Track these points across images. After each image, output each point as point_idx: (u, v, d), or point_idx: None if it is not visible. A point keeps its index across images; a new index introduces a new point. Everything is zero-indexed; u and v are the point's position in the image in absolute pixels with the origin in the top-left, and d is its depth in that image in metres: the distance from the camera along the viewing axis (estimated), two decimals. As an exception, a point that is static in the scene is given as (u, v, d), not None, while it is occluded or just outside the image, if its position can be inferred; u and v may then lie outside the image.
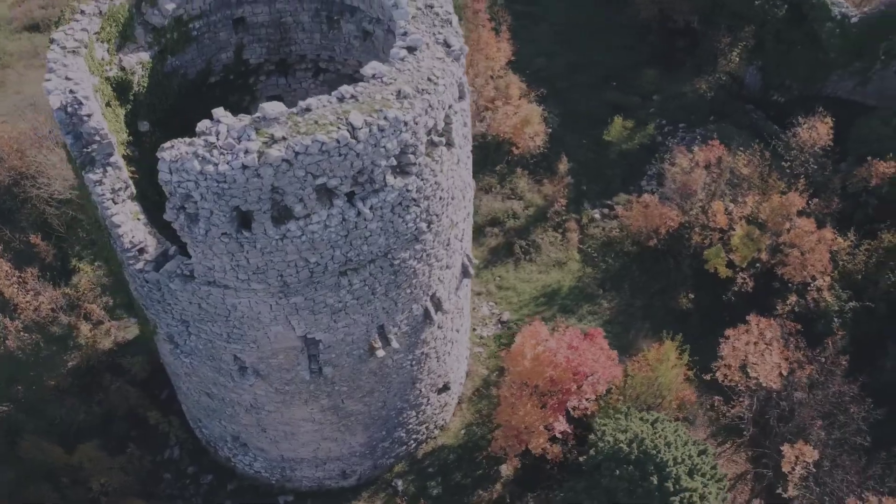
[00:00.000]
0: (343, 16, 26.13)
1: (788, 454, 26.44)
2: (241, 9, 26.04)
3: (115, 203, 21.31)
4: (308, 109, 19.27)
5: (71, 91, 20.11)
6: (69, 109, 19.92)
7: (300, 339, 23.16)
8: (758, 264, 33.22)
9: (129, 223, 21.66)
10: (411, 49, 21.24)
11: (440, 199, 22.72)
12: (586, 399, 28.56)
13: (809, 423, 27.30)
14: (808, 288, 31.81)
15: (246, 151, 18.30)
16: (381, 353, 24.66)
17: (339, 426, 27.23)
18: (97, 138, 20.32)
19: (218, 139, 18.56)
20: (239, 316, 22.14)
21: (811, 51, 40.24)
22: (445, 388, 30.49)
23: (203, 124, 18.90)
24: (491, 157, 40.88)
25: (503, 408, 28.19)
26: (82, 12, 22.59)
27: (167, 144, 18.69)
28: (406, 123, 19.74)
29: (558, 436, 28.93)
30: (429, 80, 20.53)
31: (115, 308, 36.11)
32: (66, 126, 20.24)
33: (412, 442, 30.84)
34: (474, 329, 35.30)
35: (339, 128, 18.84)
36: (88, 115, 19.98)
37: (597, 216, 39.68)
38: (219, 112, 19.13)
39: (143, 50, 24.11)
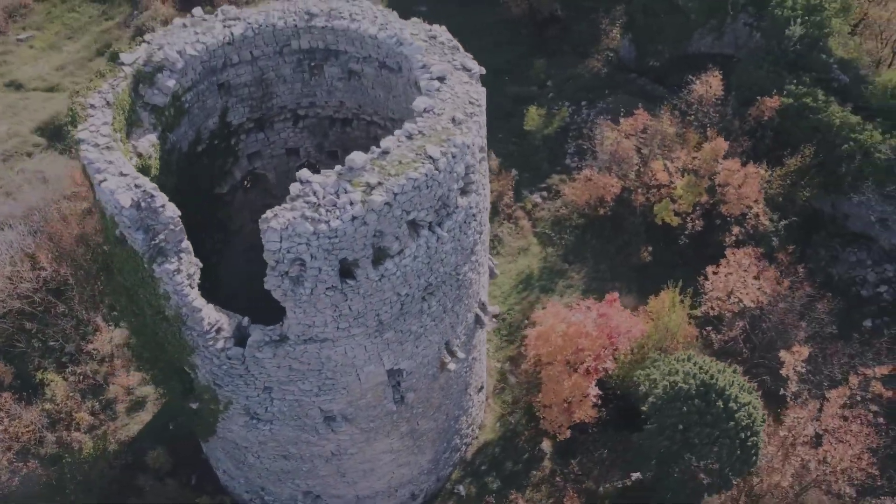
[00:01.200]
0: (327, 61, 26.84)
1: (787, 359, 30.79)
2: (225, 73, 25.92)
3: (192, 288, 21.01)
4: (386, 152, 20.29)
5: (136, 186, 19.59)
6: (142, 204, 19.42)
7: (387, 372, 23.97)
8: (697, 207, 37.91)
9: (205, 306, 21.45)
10: (441, 79, 22.73)
11: (485, 208, 24.52)
12: (609, 360, 31.51)
13: (794, 327, 32.11)
14: (747, 217, 36.94)
15: (351, 203, 19.04)
16: (452, 366, 25.96)
17: (413, 449, 28.13)
18: (171, 227, 19.96)
19: (318, 198, 19.10)
20: (332, 366, 22.57)
21: (674, 17, 45.88)
22: (482, 386, 32.20)
23: (295, 188, 19.32)
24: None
25: (548, 387, 30.40)
26: (92, 106, 21.77)
27: (269, 214, 18.95)
28: (468, 146, 21.35)
29: (593, 399, 31.65)
30: (470, 102, 22.22)
31: (107, 407, 34.17)
32: (135, 222, 19.66)
33: (463, 446, 32.27)
34: (473, 329, 37.12)
35: (422, 163, 20.08)
36: (163, 206, 19.60)
37: (538, 200, 42.83)
38: (304, 173, 19.61)
39: (149, 132, 23.48)
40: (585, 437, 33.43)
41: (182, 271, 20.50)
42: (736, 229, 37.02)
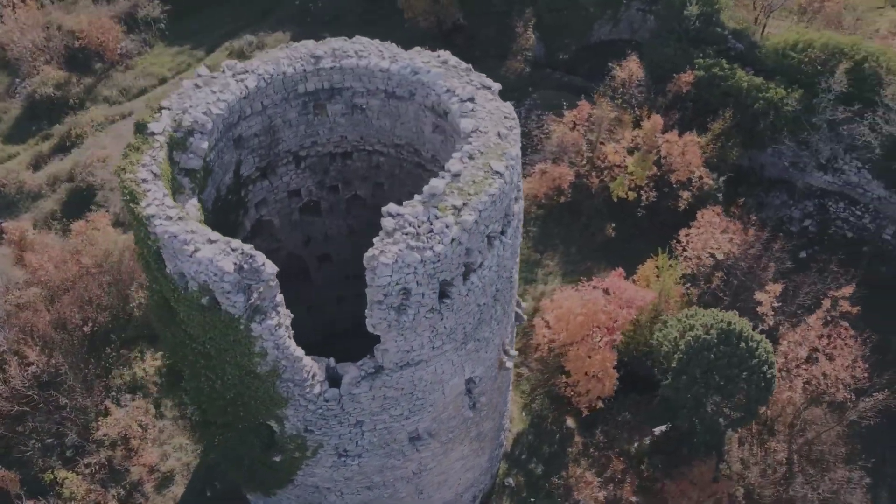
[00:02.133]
0: (331, 99, 27.41)
1: (763, 298, 34.75)
2: (239, 127, 25.91)
3: (290, 339, 21.28)
4: (457, 174, 21.52)
5: (233, 249, 19.62)
6: (244, 266, 19.49)
7: (465, 381, 25.17)
8: (647, 180, 41.54)
9: (304, 354, 21.80)
10: (471, 100, 24.19)
11: (521, 212, 26.25)
12: (617, 332, 34.20)
13: (763, 269, 36.31)
14: (692, 181, 40.99)
15: (447, 226, 20.17)
16: (509, 364, 27.56)
17: (477, 451, 29.39)
18: (270, 283, 20.15)
19: (415, 227, 20.05)
20: (423, 386, 23.51)
21: (576, 11, 49.61)
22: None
23: (389, 222, 20.15)
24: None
25: (576, 366, 32.55)
26: (145, 181, 21.39)
27: (375, 252, 19.67)
28: (517, 156, 23.03)
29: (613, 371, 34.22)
30: (506, 117, 23.88)
31: (133, 490, 32.73)
32: (236, 286, 19.66)
33: (503, 440, 33.81)
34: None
35: (493, 178, 21.51)
36: (263, 264, 19.76)
37: (495, 200, 44.94)
38: (393, 207, 20.47)
39: (190, 197, 23.20)
40: (602, 409, 35.96)
41: (282, 325, 20.75)
42: (686, 194, 40.97)
